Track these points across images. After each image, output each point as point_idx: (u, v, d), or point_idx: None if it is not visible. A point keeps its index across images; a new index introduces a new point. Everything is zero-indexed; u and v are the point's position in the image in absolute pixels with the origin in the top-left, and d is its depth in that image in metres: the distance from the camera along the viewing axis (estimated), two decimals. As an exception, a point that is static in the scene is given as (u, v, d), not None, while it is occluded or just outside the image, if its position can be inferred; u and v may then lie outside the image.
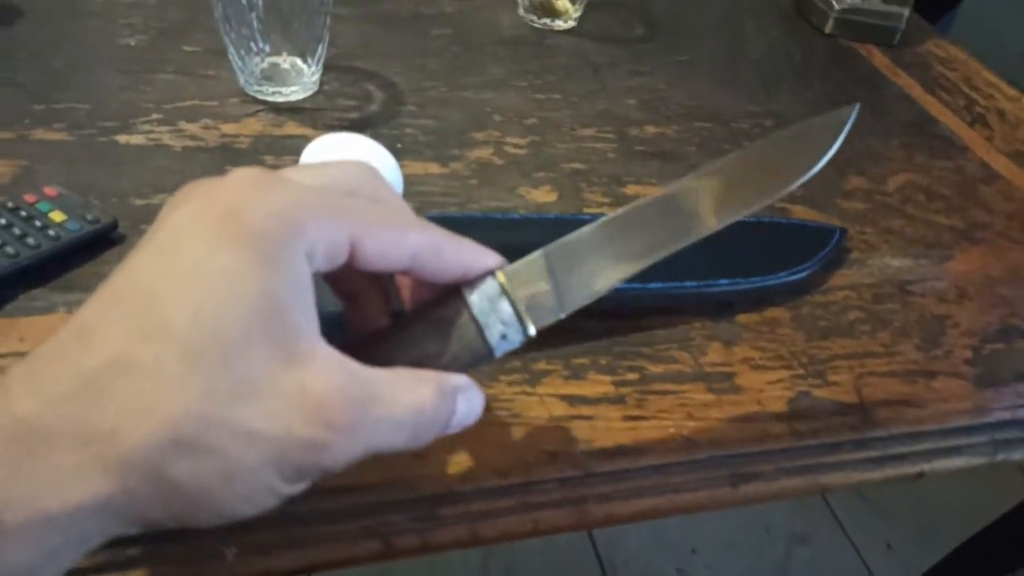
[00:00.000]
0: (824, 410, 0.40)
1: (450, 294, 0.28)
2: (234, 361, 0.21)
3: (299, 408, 0.21)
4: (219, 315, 0.21)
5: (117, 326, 0.21)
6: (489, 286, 0.27)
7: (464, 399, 0.27)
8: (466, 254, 0.27)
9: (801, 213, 0.53)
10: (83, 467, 0.20)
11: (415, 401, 0.24)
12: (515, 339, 0.28)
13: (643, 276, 0.42)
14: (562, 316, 0.28)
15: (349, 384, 0.23)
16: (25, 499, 0.20)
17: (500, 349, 0.28)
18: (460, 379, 0.27)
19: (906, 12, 0.74)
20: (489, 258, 0.28)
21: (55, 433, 0.20)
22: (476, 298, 0.27)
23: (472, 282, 0.27)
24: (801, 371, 0.41)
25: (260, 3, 0.49)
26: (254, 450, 0.21)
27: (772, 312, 0.45)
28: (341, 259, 0.24)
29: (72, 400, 0.20)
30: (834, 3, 0.74)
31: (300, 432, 0.21)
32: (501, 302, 0.27)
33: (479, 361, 0.28)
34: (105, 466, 0.20)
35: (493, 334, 0.27)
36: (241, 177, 0.23)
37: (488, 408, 0.37)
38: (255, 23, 0.50)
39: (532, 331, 0.28)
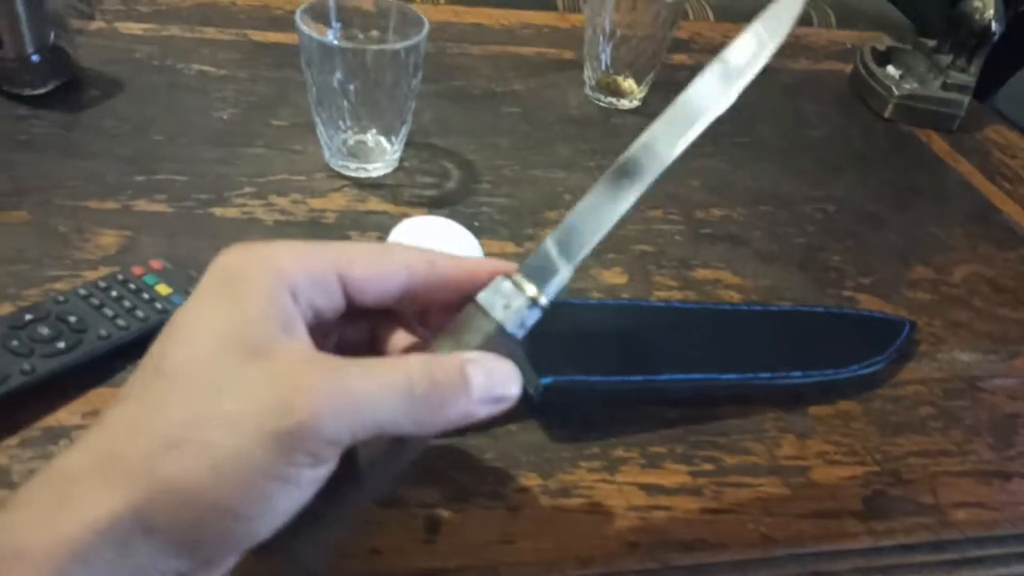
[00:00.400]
0: (900, 509, 0.40)
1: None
2: (205, 370, 0.23)
3: (269, 386, 0.23)
4: (193, 345, 0.24)
5: (135, 382, 0.24)
6: (496, 281, 0.28)
7: (478, 369, 0.25)
8: (468, 264, 0.29)
9: (867, 302, 0.53)
10: (92, 488, 0.22)
11: (397, 371, 0.24)
12: (519, 304, 0.27)
13: (717, 367, 0.43)
14: (565, 271, 0.29)
15: (316, 357, 0.24)
16: (52, 527, 0.22)
17: (511, 322, 0.27)
18: (467, 353, 0.26)
19: (966, 99, 0.75)
20: (499, 264, 0.29)
21: (77, 469, 0.23)
22: (483, 293, 0.28)
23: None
24: (875, 468, 0.42)
25: (352, 88, 0.51)
26: (234, 432, 0.22)
27: (844, 405, 0.45)
28: (336, 293, 0.26)
29: (91, 436, 0.23)
30: (894, 88, 0.76)
31: (272, 401, 0.23)
32: (503, 282, 0.28)
33: (497, 344, 0.27)
34: (108, 482, 0.22)
35: (496, 308, 0.27)
36: (244, 245, 0.26)
37: (569, 495, 0.38)
38: (346, 105, 0.53)
39: (532, 291, 0.28)
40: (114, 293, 0.41)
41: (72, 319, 0.39)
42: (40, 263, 0.44)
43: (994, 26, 0.73)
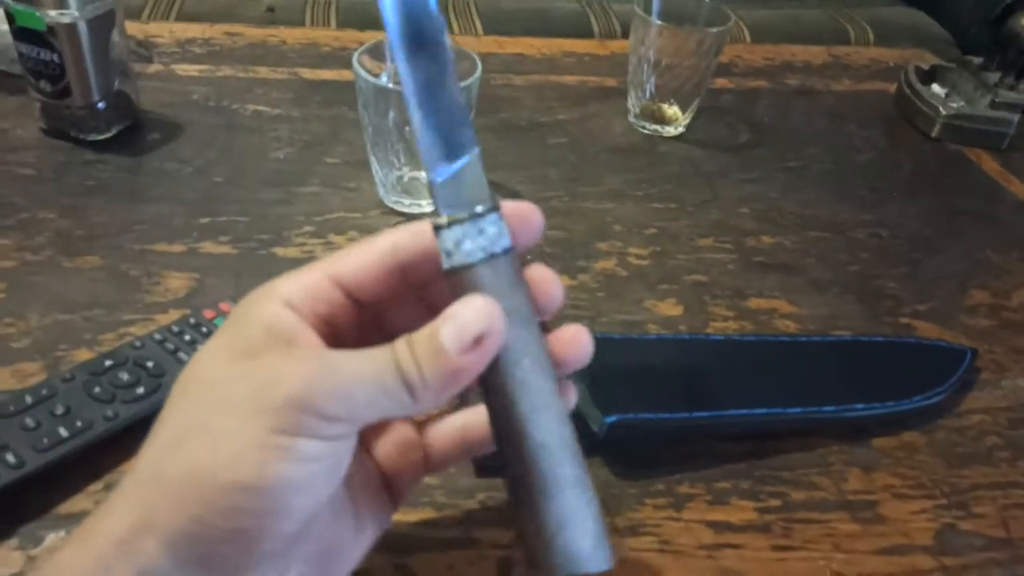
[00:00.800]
0: (971, 544, 0.40)
1: None
2: (204, 382, 0.25)
3: (259, 374, 0.24)
4: (196, 367, 0.26)
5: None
6: (437, 236, 0.27)
7: (448, 325, 0.25)
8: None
9: (926, 330, 0.53)
10: (115, 503, 0.24)
11: (381, 350, 0.25)
12: (461, 235, 0.26)
13: (781, 401, 0.43)
14: (468, 158, 0.27)
15: (308, 350, 0.26)
16: (84, 543, 0.24)
17: (474, 254, 0.26)
18: (446, 312, 0.25)
19: (1015, 117, 0.74)
20: None
21: (113, 493, 0.25)
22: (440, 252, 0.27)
23: None
24: (944, 501, 0.42)
25: (408, 129, 0.52)
26: (227, 415, 0.24)
27: (908, 436, 0.45)
28: (334, 295, 0.27)
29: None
30: (940, 108, 0.75)
31: (262, 383, 0.24)
32: (440, 231, 0.26)
33: (490, 282, 0.26)
34: (125, 495, 0.24)
35: (454, 256, 0.26)
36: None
37: (637, 533, 0.38)
38: (400, 144, 0.54)
39: (459, 213, 0.26)
40: (187, 337, 0.42)
41: (150, 364, 0.40)
42: (114, 307, 0.46)
43: (1044, 44, 0.72)
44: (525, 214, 0.27)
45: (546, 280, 0.28)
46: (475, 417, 0.31)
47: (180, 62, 0.72)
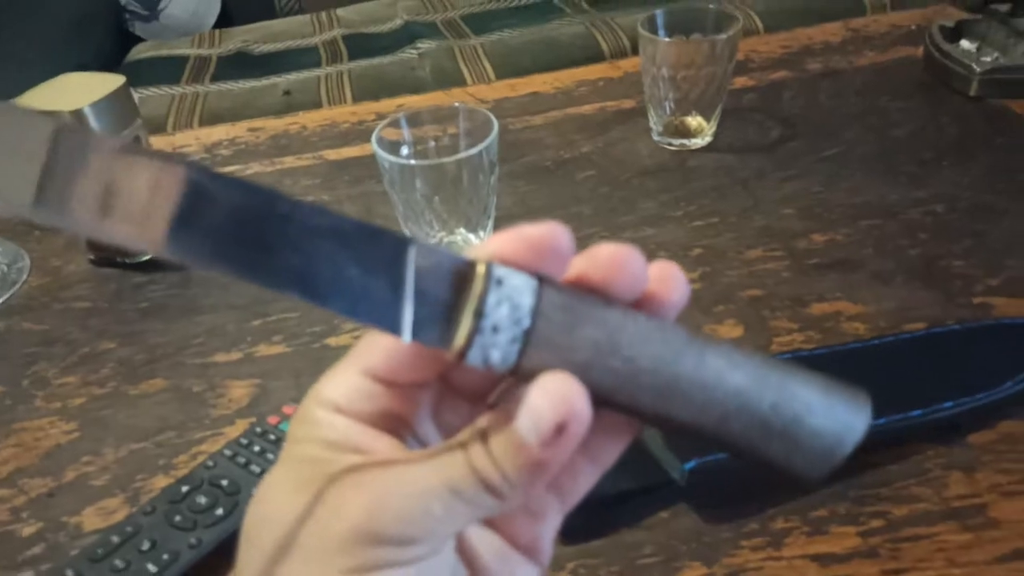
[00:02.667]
0: (1098, 535, 0.37)
1: None
2: (267, 510, 0.24)
3: (319, 506, 0.22)
4: (263, 499, 0.24)
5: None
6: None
7: (524, 417, 0.21)
8: None
9: (1003, 306, 0.50)
10: None
11: (451, 451, 0.22)
12: (480, 324, 0.21)
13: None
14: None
15: (363, 465, 0.23)
16: None
17: (502, 345, 0.21)
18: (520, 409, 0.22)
19: (1056, 60, 0.71)
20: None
21: None
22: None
23: None
24: (1059, 492, 0.39)
25: (437, 199, 0.52)
26: (300, 562, 0.22)
27: (1006, 427, 0.43)
28: (371, 387, 0.24)
29: None
30: (974, 65, 0.72)
31: (320, 511, 0.22)
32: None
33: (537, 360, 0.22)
34: None
35: (492, 355, 0.22)
36: None
37: (738, 579, 0.37)
38: (431, 214, 0.54)
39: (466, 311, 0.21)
40: (256, 448, 0.43)
41: (224, 483, 0.41)
42: (183, 428, 0.47)
43: (1073, -21, 0.69)
44: (528, 237, 0.22)
45: (663, 280, 0.23)
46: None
47: (210, 167, 0.73)
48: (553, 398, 0.21)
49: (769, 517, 0.39)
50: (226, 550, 0.38)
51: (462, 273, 0.21)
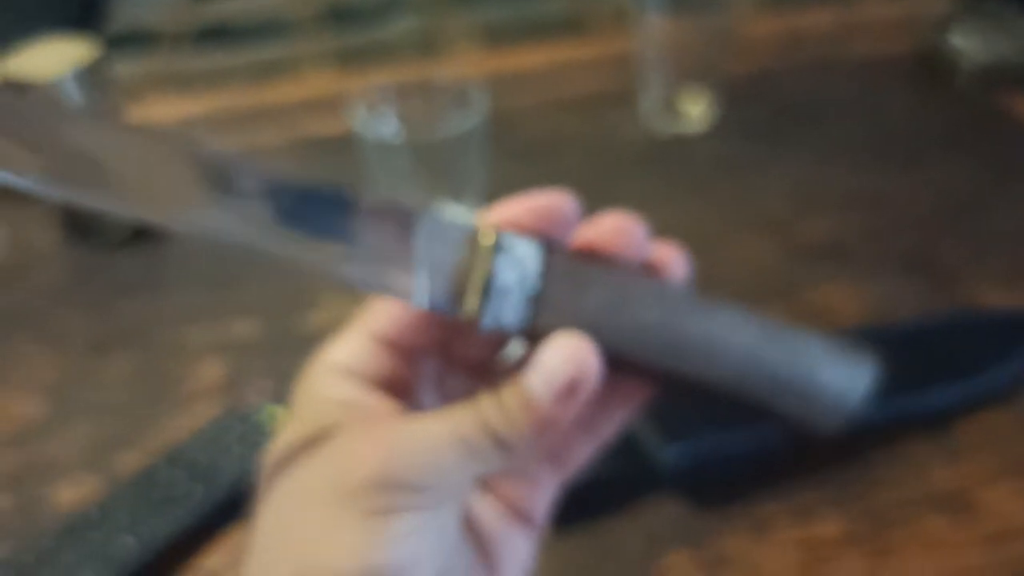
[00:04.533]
0: (1080, 524, 0.37)
1: None
2: (285, 465, 0.24)
3: (337, 456, 0.23)
4: (279, 454, 0.24)
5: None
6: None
7: (535, 375, 0.22)
8: None
9: (990, 295, 0.50)
10: None
11: (467, 409, 0.23)
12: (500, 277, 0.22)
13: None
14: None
15: (374, 425, 0.23)
16: None
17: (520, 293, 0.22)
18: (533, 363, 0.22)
19: (1047, 54, 0.71)
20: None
21: None
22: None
23: None
24: (1043, 481, 0.39)
25: (422, 177, 0.51)
26: (319, 508, 0.22)
27: (989, 416, 0.42)
28: (378, 350, 0.25)
29: None
30: (964, 57, 0.72)
31: (338, 461, 0.23)
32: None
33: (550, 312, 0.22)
34: None
35: (505, 307, 0.23)
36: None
37: (725, 564, 0.36)
38: (414, 189, 0.53)
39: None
40: (234, 429, 0.42)
41: (202, 463, 0.40)
42: (155, 406, 0.46)
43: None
44: (536, 205, 0.23)
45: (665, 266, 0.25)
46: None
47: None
48: (565, 355, 0.22)
49: (754, 502, 0.39)
50: (205, 530, 0.38)
51: (471, 240, 0.22)
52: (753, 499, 0.39)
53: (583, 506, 0.39)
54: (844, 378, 0.23)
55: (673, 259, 0.25)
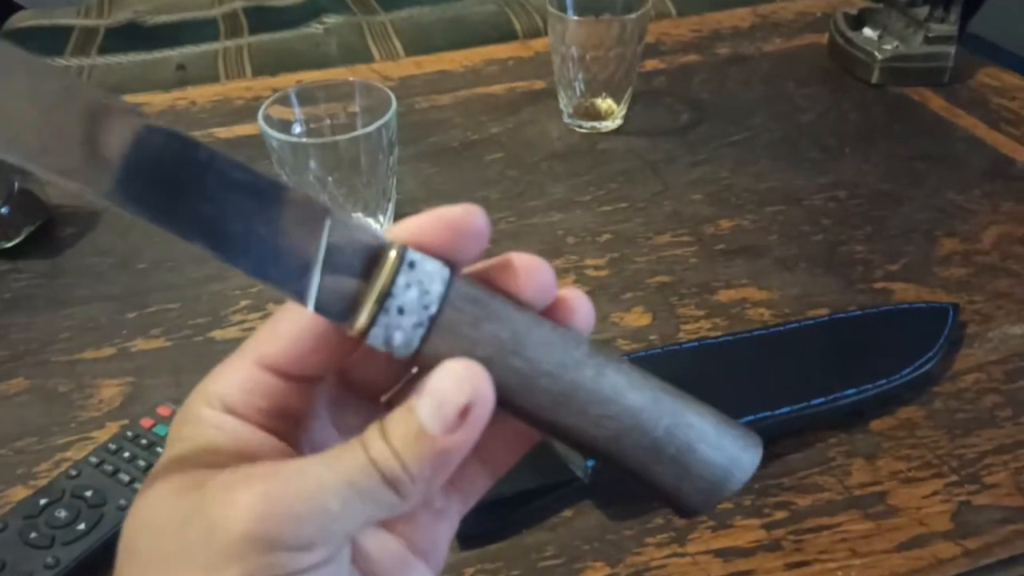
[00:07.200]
0: (990, 519, 0.37)
1: None
2: (148, 517, 0.21)
3: (205, 509, 0.20)
4: (143, 505, 0.21)
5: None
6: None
7: (424, 403, 0.20)
8: None
9: (902, 290, 0.51)
10: None
11: (350, 451, 0.20)
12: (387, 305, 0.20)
13: (768, 402, 0.41)
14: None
15: (250, 471, 0.21)
16: None
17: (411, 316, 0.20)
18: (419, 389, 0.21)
19: (951, 49, 0.72)
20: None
21: None
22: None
23: None
24: (954, 477, 0.39)
25: (330, 180, 0.49)
26: (178, 566, 0.20)
27: (905, 412, 0.43)
28: (269, 380, 0.22)
29: None
30: (876, 52, 0.73)
31: (207, 515, 0.20)
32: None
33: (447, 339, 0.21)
34: None
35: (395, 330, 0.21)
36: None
37: (642, 578, 0.35)
38: (326, 197, 0.51)
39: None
40: (126, 454, 0.39)
41: (88, 494, 0.37)
42: (46, 432, 0.43)
43: (967, -30, 0.71)
44: (446, 219, 0.21)
45: (571, 310, 0.22)
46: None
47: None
48: (457, 379, 0.20)
49: (674, 513, 0.38)
50: (89, 568, 0.35)
51: (375, 251, 0.20)
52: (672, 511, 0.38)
53: (500, 518, 0.38)
54: (727, 459, 0.22)
55: (579, 306, 0.23)
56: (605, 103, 0.69)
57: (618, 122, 0.69)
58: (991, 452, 0.40)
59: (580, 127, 0.69)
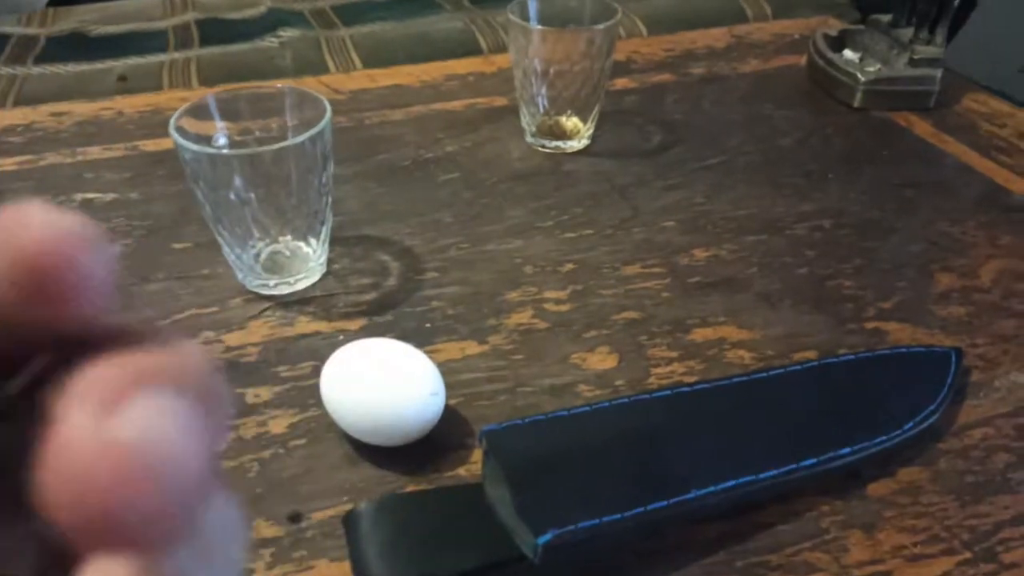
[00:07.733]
0: (1013, 608, 0.32)
1: None
2: None
3: None
4: None
5: None
6: None
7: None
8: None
9: (896, 332, 0.45)
10: None
11: None
12: None
13: (753, 465, 0.35)
14: None
15: None
16: None
17: None
18: None
19: (938, 72, 0.68)
20: None
21: None
22: None
23: None
24: (967, 554, 0.34)
25: (253, 197, 0.43)
26: None
27: (906, 474, 0.37)
28: None
29: None
30: (858, 75, 0.69)
31: None
32: None
33: None
34: None
35: None
36: None
37: None
38: (249, 218, 0.44)
39: None
40: None
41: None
42: None
43: (954, -10, 0.67)
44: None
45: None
46: None
47: (-5, 155, 0.61)
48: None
49: (641, 597, 0.32)
50: None
51: None
52: (639, 593, 0.32)
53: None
54: None
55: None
56: (570, 121, 0.64)
57: (584, 142, 0.64)
58: (1007, 523, 0.35)
59: (543, 147, 0.64)
